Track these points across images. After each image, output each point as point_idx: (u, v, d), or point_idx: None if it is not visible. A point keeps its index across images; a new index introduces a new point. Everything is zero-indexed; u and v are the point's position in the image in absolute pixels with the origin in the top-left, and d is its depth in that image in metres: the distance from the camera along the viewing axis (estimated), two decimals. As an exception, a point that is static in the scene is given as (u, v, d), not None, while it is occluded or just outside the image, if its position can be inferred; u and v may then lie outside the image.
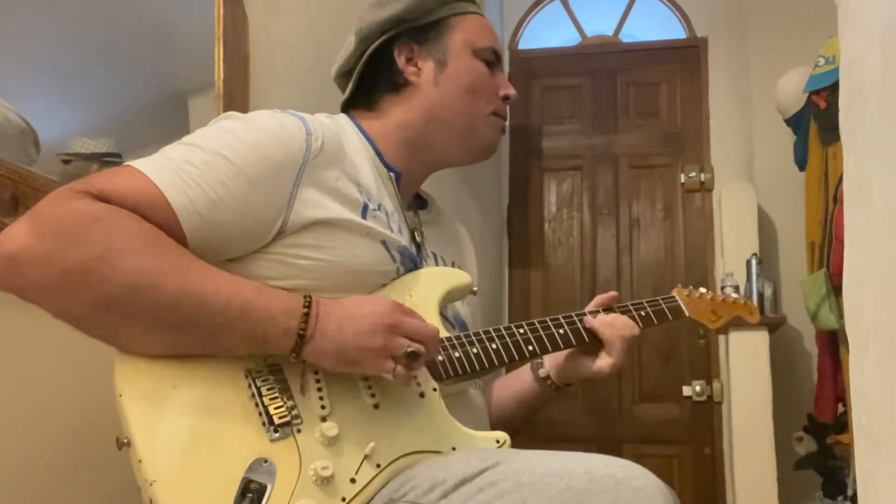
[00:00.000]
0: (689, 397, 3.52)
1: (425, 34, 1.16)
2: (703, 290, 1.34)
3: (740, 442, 3.04)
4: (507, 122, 1.23)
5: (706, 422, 3.50)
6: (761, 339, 3.09)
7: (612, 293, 1.23)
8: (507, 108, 1.21)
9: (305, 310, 0.89)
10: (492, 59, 1.18)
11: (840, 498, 2.84)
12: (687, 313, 1.28)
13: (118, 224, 0.85)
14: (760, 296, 3.17)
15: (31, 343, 1.08)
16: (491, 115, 1.18)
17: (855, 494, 2.65)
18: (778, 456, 2.96)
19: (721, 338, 3.41)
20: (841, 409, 2.88)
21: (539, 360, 1.25)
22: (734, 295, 1.39)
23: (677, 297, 1.29)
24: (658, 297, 1.26)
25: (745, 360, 3.10)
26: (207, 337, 0.87)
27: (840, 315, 2.64)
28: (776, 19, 3.62)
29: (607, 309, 1.20)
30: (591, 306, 1.21)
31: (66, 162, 1.26)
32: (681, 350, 3.57)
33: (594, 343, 1.16)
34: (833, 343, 2.87)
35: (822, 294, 2.74)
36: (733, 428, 3.10)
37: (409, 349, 0.90)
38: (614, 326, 1.15)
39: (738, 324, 3.17)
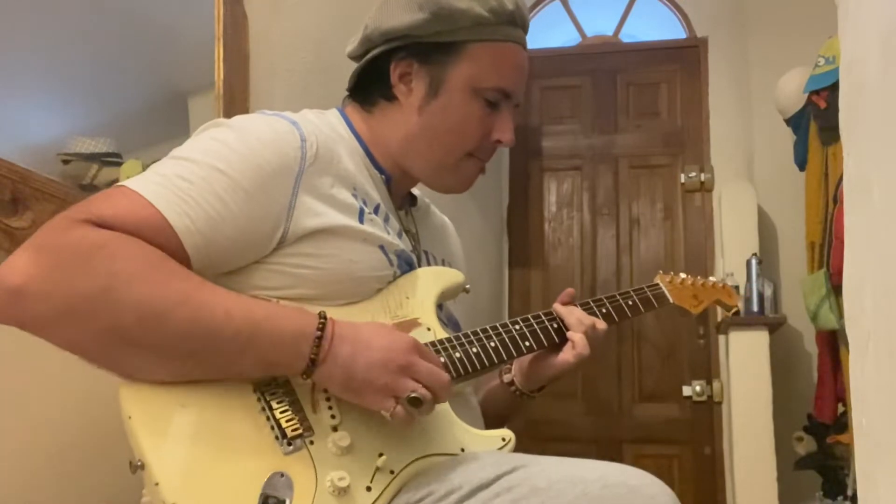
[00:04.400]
0: (689, 397, 3.52)
1: (431, 54, 1.06)
2: (682, 275, 1.35)
3: (740, 442, 3.05)
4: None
5: (706, 422, 3.50)
6: (761, 339, 3.09)
7: (570, 290, 1.21)
8: (494, 149, 1.13)
9: (318, 332, 0.87)
10: (496, 100, 1.08)
11: (840, 498, 2.84)
12: (671, 300, 1.29)
13: (121, 251, 0.83)
14: (760, 296, 3.17)
15: (32, 346, 1.08)
16: (469, 158, 1.10)
17: (855, 494, 2.64)
18: (778, 456, 2.96)
19: (721, 338, 3.41)
20: (841, 409, 2.88)
21: (507, 366, 1.22)
22: (713, 279, 1.40)
23: (661, 285, 1.30)
24: (643, 286, 1.27)
25: (745, 360, 3.10)
26: (219, 364, 0.86)
27: (840, 315, 2.64)
28: (776, 19, 3.62)
29: (583, 303, 1.20)
30: (562, 300, 1.19)
31: (65, 162, 1.26)
32: (681, 350, 3.57)
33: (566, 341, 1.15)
34: (833, 343, 2.87)
35: (822, 294, 2.74)
36: (733, 428, 3.11)
37: (413, 394, 0.87)
38: (580, 318, 1.15)
39: (738, 322, 3.20)
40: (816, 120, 2.96)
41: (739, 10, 3.77)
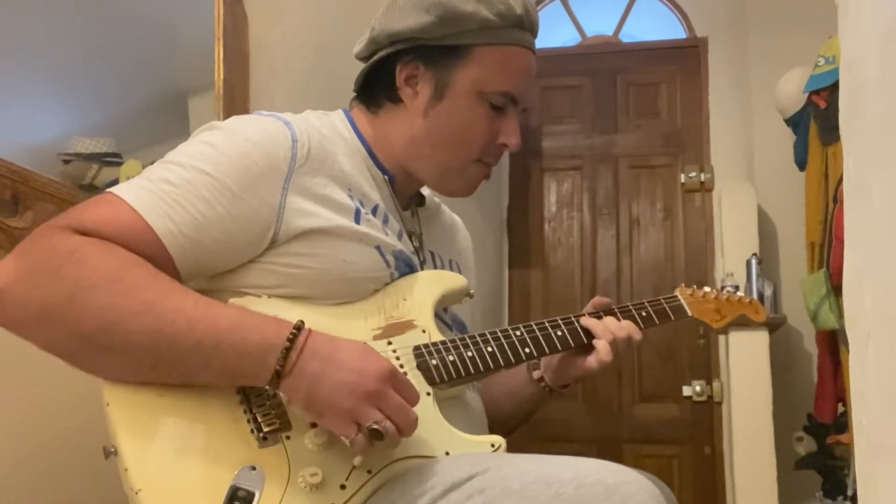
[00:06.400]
0: (689, 397, 3.52)
1: (438, 57, 1.06)
2: (706, 289, 1.31)
3: (740, 442, 3.04)
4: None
5: (706, 422, 3.50)
6: (761, 339, 3.09)
7: (607, 300, 1.20)
8: (501, 153, 1.12)
9: (288, 343, 0.84)
10: (502, 104, 1.07)
11: (840, 498, 2.84)
12: (690, 313, 1.25)
13: (90, 258, 0.85)
14: (760, 296, 3.17)
15: (27, 350, 1.09)
16: (475, 163, 1.09)
17: (855, 494, 2.65)
18: (778, 456, 2.96)
19: (721, 338, 3.41)
20: (841, 409, 2.88)
21: (534, 362, 1.21)
22: (739, 294, 1.36)
23: (680, 297, 1.26)
24: (660, 297, 1.24)
25: (745, 360, 3.10)
26: (184, 373, 0.86)
27: (840, 315, 2.64)
28: (776, 19, 3.62)
29: (606, 311, 1.17)
30: (588, 308, 1.18)
31: (66, 162, 1.26)
32: (681, 350, 3.57)
33: (592, 345, 1.13)
34: (833, 343, 2.87)
35: (822, 294, 2.74)
36: (733, 428, 3.10)
37: (374, 426, 0.83)
38: (609, 326, 1.12)
39: (739, 323, 3.18)
40: (816, 120, 2.96)
41: (739, 10, 3.77)
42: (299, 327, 0.86)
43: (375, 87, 1.11)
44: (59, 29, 1.24)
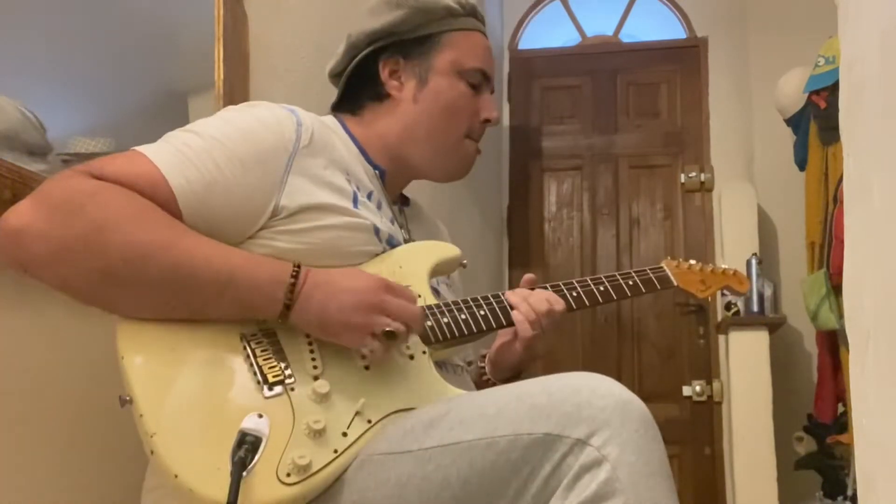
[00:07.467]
0: (689, 397, 3.52)
1: (414, 49, 1.16)
2: (692, 261, 1.36)
3: (740, 442, 3.05)
4: (508, 123, 1.24)
5: (706, 422, 3.50)
6: (761, 339, 3.09)
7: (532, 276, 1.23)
8: (484, 129, 1.21)
9: (292, 280, 0.92)
10: (477, 81, 1.18)
11: (840, 498, 2.84)
12: (675, 283, 1.30)
13: (112, 199, 0.90)
14: (760, 296, 3.17)
15: (29, 342, 1.08)
16: (465, 139, 1.19)
17: (855, 494, 2.65)
18: (778, 456, 2.96)
19: (721, 338, 3.41)
20: (841, 409, 2.88)
21: (482, 354, 1.26)
22: (723, 266, 1.41)
23: (665, 268, 1.31)
24: (646, 268, 1.28)
25: (745, 360, 3.10)
26: (199, 305, 0.92)
27: (840, 315, 2.64)
28: (776, 19, 3.62)
29: (594, 280, 1.21)
30: (523, 284, 1.21)
31: (66, 162, 1.26)
32: (681, 350, 3.57)
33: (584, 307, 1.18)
34: (833, 343, 2.87)
35: (822, 294, 2.74)
36: (733, 428, 3.11)
37: (388, 328, 0.92)
38: (527, 297, 1.14)
39: (738, 322, 3.20)
40: (816, 120, 2.96)
41: (739, 10, 3.77)
42: (299, 266, 0.94)
43: (358, 90, 1.19)
44: (59, 29, 1.24)
